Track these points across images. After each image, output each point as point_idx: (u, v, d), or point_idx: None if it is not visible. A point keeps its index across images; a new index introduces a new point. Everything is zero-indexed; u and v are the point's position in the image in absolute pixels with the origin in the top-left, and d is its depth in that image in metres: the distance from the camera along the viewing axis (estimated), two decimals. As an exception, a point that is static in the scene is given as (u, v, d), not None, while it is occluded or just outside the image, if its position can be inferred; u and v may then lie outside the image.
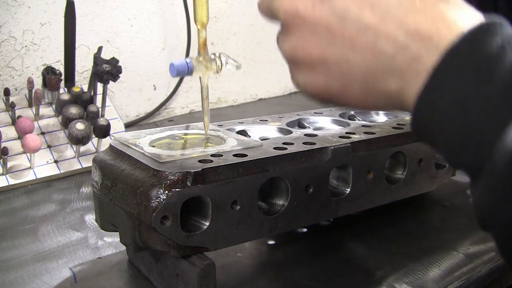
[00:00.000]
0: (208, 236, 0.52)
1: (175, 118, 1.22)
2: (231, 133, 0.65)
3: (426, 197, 0.77)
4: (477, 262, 0.63)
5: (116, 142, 0.59)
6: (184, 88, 1.23)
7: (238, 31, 1.28)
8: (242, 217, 0.54)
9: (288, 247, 0.66)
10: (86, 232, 0.70)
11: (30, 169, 0.85)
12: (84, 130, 0.85)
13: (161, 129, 0.65)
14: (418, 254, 0.64)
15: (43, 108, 0.93)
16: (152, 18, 1.14)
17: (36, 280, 0.59)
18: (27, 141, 0.82)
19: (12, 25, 0.97)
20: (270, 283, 0.59)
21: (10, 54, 0.97)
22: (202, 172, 0.51)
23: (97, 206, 0.58)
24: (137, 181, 0.51)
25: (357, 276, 0.60)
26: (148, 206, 0.49)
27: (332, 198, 0.61)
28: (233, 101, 1.33)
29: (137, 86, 1.16)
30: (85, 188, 0.83)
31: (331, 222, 0.71)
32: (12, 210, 0.76)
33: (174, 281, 0.53)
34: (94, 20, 1.06)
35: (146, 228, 0.51)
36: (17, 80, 0.99)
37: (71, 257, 0.64)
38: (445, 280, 0.60)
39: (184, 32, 1.18)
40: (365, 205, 0.65)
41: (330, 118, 0.75)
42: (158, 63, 1.18)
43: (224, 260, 0.62)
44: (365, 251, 0.66)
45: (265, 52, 1.34)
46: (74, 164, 0.89)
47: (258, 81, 1.36)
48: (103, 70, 0.90)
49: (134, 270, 0.61)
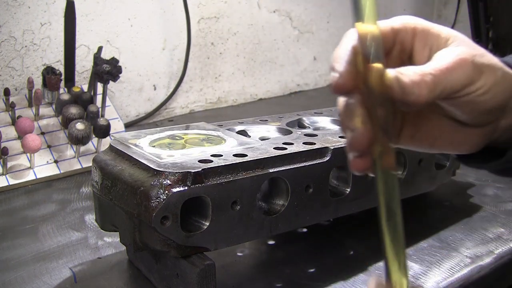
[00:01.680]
0: (208, 236, 0.52)
1: (175, 118, 1.22)
2: (231, 133, 0.65)
3: (426, 197, 0.77)
4: (477, 262, 0.63)
5: (116, 142, 0.59)
6: (184, 88, 1.23)
7: (238, 31, 1.28)
8: (242, 217, 0.54)
9: (288, 247, 0.66)
10: (86, 232, 0.70)
11: (30, 169, 0.85)
12: (84, 130, 0.85)
13: (161, 129, 0.65)
14: (418, 254, 0.64)
15: (43, 108, 0.93)
16: (152, 18, 1.14)
17: (36, 280, 0.59)
18: (27, 141, 0.82)
19: (12, 25, 0.97)
20: (270, 283, 0.59)
21: (10, 54, 0.97)
22: (202, 172, 0.50)
23: (97, 206, 0.58)
24: (137, 181, 0.51)
25: (357, 276, 0.60)
26: (148, 206, 0.49)
27: (332, 198, 0.61)
28: (233, 101, 1.33)
29: (137, 86, 1.16)
30: (85, 188, 0.83)
31: (331, 222, 0.71)
32: (12, 210, 0.76)
33: (174, 281, 0.53)
34: (94, 20, 1.06)
35: (146, 228, 0.51)
36: (17, 80, 0.99)
37: (71, 257, 0.64)
38: (445, 280, 0.60)
39: (184, 32, 1.18)
40: (365, 205, 0.65)
41: (330, 118, 0.75)
42: (158, 63, 1.18)
43: (224, 260, 0.62)
44: (365, 251, 0.65)
45: (265, 52, 1.34)
46: (74, 164, 0.89)
47: (258, 81, 1.36)
48: (103, 70, 0.90)
49: (134, 270, 0.61)
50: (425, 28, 0.40)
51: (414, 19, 0.40)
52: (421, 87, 0.35)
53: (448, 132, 0.41)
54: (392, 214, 0.35)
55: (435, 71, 0.36)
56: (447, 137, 0.41)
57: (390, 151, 0.35)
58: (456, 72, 0.37)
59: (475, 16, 1.47)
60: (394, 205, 0.35)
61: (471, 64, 0.37)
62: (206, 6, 1.21)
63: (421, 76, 0.35)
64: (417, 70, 0.36)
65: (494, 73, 0.38)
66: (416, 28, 0.40)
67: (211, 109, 1.28)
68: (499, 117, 0.40)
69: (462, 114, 0.40)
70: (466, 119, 0.40)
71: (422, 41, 0.39)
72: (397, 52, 0.40)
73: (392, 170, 0.35)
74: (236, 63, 1.30)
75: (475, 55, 0.38)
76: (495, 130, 0.41)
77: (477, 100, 0.38)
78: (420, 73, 0.36)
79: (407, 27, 0.39)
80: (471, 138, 0.41)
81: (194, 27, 1.20)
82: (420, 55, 0.40)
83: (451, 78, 0.37)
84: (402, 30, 0.39)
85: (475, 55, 0.38)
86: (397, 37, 0.40)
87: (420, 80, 0.35)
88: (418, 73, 0.36)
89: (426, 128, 0.42)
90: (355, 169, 0.37)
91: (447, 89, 0.37)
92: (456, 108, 0.39)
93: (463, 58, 0.37)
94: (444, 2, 1.66)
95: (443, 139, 0.42)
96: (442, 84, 0.36)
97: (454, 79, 0.37)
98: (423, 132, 0.42)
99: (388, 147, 0.35)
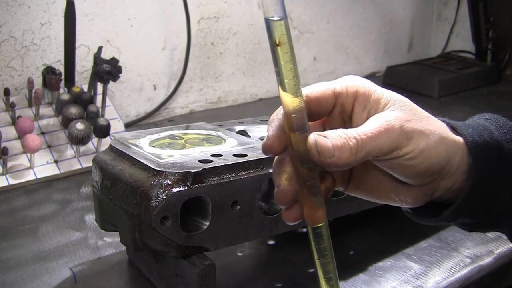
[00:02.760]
0: (208, 236, 0.52)
1: (175, 118, 1.22)
2: (231, 133, 0.65)
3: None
4: (477, 262, 0.63)
5: (116, 142, 0.59)
6: (184, 88, 1.23)
7: (238, 31, 1.28)
8: (242, 217, 0.54)
9: (288, 247, 0.66)
10: (86, 232, 0.70)
11: (30, 169, 0.85)
12: (84, 130, 0.85)
13: (161, 129, 0.65)
14: (418, 254, 0.64)
15: (43, 108, 0.93)
16: (152, 18, 1.14)
17: (36, 280, 0.59)
18: (27, 141, 0.82)
19: (12, 25, 0.97)
20: (270, 283, 0.59)
21: (10, 54, 0.97)
22: (202, 172, 0.50)
23: (97, 206, 0.58)
24: (137, 181, 0.51)
25: (357, 276, 0.60)
26: (148, 206, 0.49)
27: (332, 198, 0.61)
28: (233, 101, 1.33)
29: (137, 86, 1.16)
30: (85, 188, 0.83)
31: (331, 222, 0.71)
32: (12, 210, 0.76)
33: (174, 281, 0.53)
34: (94, 20, 1.06)
35: (146, 228, 0.51)
36: (17, 80, 0.99)
37: (71, 257, 0.64)
38: (445, 280, 0.60)
39: (184, 32, 1.18)
40: (365, 205, 0.65)
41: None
42: (158, 63, 1.17)
43: (224, 260, 0.62)
44: (365, 251, 0.65)
45: (265, 52, 1.34)
46: (74, 164, 0.89)
47: (258, 81, 1.36)
48: (103, 70, 0.90)
49: (134, 270, 0.61)
50: (366, 92, 0.41)
51: (358, 81, 0.42)
52: (343, 150, 0.38)
53: (390, 188, 0.43)
54: (322, 255, 0.41)
55: (359, 136, 0.38)
56: (390, 192, 0.43)
57: (315, 207, 0.39)
58: (382, 137, 0.38)
59: (475, 16, 1.47)
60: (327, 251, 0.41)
61: (398, 130, 0.39)
62: (206, 6, 1.21)
63: (345, 140, 0.38)
64: (342, 134, 0.38)
65: (425, 139, 0.40)
66: (358, 91, 0.41)
67: (211, 109, 1.28)
68: (437, 178, 0.41)
69: (397, 175, 0.41)
70: (402, 179, 0.41)
71: (361, 104, 0.41)
72: (338, 112, 0.42)
73: (318, 224, 0.39)
74: (236, 63, 1.30)
75: (408, 120, 0.39)
76: (435, 190, 0.42)
77: (406, 164, 0.39)
78: (344, 137, 0.38)
79: (349, 90, 0.41)
80: (412, 195, 0.43)
81: (194, 27, 1.20)
82: (359, 117, 0.42)
83: (376, 143, 0.38)
84: (343, 93, 0.41)
85: (407, 120, 0.39)
86: (338, 100, 0.42)
87: (343, 144, 0.38)
88: (342, 137, 0.38)
89: (370, 182, 0.43)
90: (286, 220, 0.40)
91: (372, 152, 0.38)
92: (389, 169, 0.41)
93: (391, 124, 0.39)
94: (444, 2, 1.66)
95: (386, 193, 0.43)
96: (366, 148, 0.38)
97: (379, 144, 0.38)
98: (368, 185, 0.44)
99: (313, 203, 0.39)
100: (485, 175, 0.42)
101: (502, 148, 0.42)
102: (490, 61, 1.51)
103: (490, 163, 0.42)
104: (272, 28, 0.36)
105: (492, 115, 0.46)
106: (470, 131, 0.43)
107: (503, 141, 0.43)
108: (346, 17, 1.47)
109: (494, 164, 0.42)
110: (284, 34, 0.36)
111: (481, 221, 0.44)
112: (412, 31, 1.65)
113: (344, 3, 1.46)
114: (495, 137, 0.43)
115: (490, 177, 0.42)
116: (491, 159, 0.42)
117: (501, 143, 0.43)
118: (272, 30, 0.36)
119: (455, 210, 0.42)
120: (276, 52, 0.36)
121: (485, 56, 1.51)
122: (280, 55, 0.36)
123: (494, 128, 0.44)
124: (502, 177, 0.42)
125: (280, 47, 0.36)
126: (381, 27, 1.56)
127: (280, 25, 0.36)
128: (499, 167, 0.42)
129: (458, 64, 1.49)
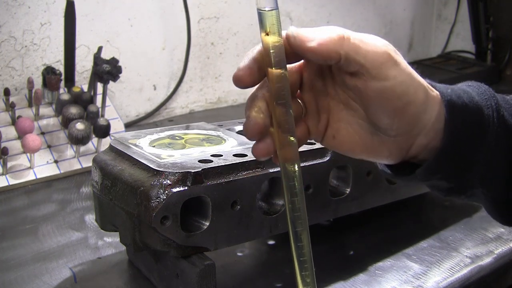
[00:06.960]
0: (208, 236, 0.52)
1: (175, 118, 1.22)
2: (231, 133, 0.65)
3: (426, 197, 0.77)
4: (477, 262, 0.63)
5: (116, 142, 0.59)
6: (184, 88, 1.23)
7: (238, 31, 1.28)
8: (242, 217, 0.54)
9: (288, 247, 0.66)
10: (86, 232, 0.70)
11: (30, 169, 0.85)
12: (84, 130, 0.85)
13: (161, 129, 0.65)
14: (418, 254, 0.64)
15: (43, 108, 0.93)
16: (152, 18, 1.14)
17: (36, 280, 0.59)
18: (27, 141, 0.82)
19: (12, 25, 0.97)
20: (270, 283, 0.59)
21: (10, 54, 0.97)
22: (202, 172, 0.51)
23: (97, 206, 0.58)
24: (137, 181, 0.51)
25: (357, 276, 0.60)
26: (148, 206, 0.49)
27: (332, 198, 0.61)
28: (233, 101, 1.33)
29: (137, 86, 1.16)
30: (85, 188, 0.83)
31: (331, 222, 0.71)
32: (12, 210, 0.76)
33: (174, 281, 0.53)
34: (94, 20, 1.06)
35: (146, 228, 0.51)
36: (17, 80, 0.99)
37: (71, 257, 0.64)
38: (445, 280, 0.60)
39: (184, 32, 1.18)
40: (365, 205, 0.65)
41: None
42: (158, 63, 1.17)
43: (224, 260, 0.62)
44: (365, 251, 0.65)
45: (265, 52, 1.34)
46: (74, 164, 0.89)
47: (258, 81, 1.36)
48: (103, 70, 0.90)
49: (134, 270, 0.61)
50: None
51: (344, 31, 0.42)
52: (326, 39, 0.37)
53: (366, 138, 0.42)
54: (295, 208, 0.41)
55: (347, 33, 0.38)
56: (365, 143, 0.43)
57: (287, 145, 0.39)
58: (371, 44, 0.38)
59: (475, 16, 1.47)
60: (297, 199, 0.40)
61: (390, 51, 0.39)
62: (206, 6, 1.21)
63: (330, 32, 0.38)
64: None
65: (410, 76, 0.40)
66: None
67: (211, 109, 1.28)
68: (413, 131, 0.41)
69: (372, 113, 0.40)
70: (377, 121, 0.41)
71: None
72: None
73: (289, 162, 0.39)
74: (236, 63, 1.30)
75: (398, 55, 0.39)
76: (411, 145, 0.42)
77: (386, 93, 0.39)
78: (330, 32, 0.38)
79: None
80: (388, 147, 0.42)
81: (194, 27, 1.20)
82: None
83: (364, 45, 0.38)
84: None
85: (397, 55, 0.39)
86: None
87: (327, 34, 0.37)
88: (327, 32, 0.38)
89: (346, 133, 0.43)
90: (255, 154, 0.40)
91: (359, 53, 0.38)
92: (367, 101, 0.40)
93: (384, 43, 0.39)
94: (444, 2, 1.66)
95: (361, 145, 0.43)
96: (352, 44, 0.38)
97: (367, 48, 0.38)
98: (344, 135, 0.43)
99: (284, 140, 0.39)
100: (461, 135, 0.41)
101: (482, 113, 0.42)
102: (490, 61, 1.51)
103: (467, 125, 0.42)
104: (264, 18, 0.38)
105: (475, 83, 0.45)
106: (449, 91, 0.42)
107: (483, 106, 0.42)
108: (346, 17, 1.47)
109: (472, 127, 0.42)
110: (274, 24, 0.37)
111: (456, 187, 0.44)
112: (412, 31, 1.65)
113: (344, 3, 1.46)
114: (475, 101, 0.42)
115: (466, 140, 0.42)
116: (468, 122, 0.42)
117: (481, 108, 0.42)
118: (264, 20, 0.38)
119: (427, 168, 0.42)
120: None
121: (485, 56, 1.51)
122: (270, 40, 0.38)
123: (475, 93, 0.43)
124: (479, 143, 0.42)
125: (269, 36, 0.38)
126: (381, 27, 1.56)
127: (271, 15, 0.37)
128: (477, 131, 0.42)
129: (458, 64, 1.48)
